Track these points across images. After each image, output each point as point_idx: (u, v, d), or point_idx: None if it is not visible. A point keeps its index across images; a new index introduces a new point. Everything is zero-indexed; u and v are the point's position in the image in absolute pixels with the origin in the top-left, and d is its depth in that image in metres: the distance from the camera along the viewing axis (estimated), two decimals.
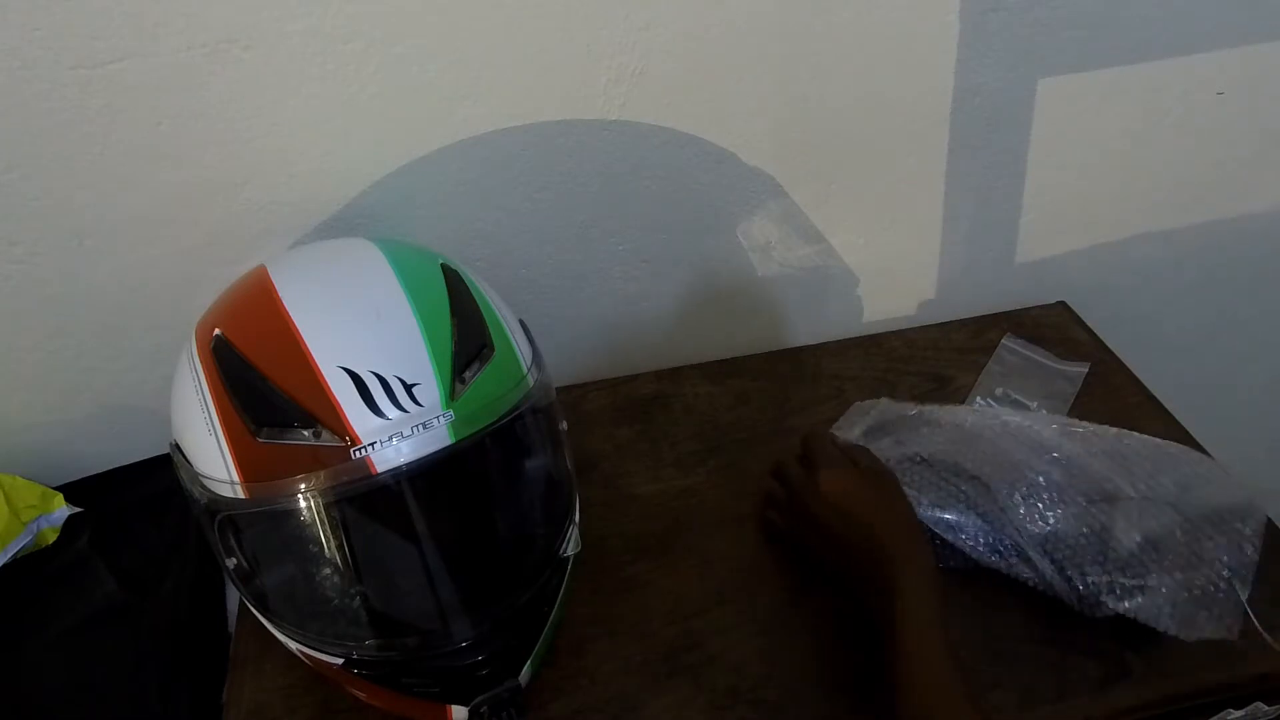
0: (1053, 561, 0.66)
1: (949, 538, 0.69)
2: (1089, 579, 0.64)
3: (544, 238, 0.83)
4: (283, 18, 0.65)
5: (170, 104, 0.66)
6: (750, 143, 0.81)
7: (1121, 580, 0.64)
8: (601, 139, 0.77)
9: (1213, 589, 0.63)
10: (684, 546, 0.74)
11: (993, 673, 0.64)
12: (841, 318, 0.97)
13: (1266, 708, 0.64)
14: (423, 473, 0.53)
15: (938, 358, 0.92)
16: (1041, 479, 0.68)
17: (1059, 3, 0.80)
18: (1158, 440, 0.70)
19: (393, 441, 0.53)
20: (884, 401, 0.80)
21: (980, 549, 0.69)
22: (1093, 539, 0.65)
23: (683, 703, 0.64)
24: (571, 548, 0.63)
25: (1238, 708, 0.64)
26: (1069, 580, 0.65)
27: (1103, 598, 0.63)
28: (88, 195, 0.69)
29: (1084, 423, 0.72)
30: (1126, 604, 0.63)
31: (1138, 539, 0.64)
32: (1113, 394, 0.87)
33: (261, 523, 0.57)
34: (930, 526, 0.70)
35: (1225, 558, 0.63)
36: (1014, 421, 0.72)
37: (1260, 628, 0.63)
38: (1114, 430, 0.71)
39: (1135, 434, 0.71)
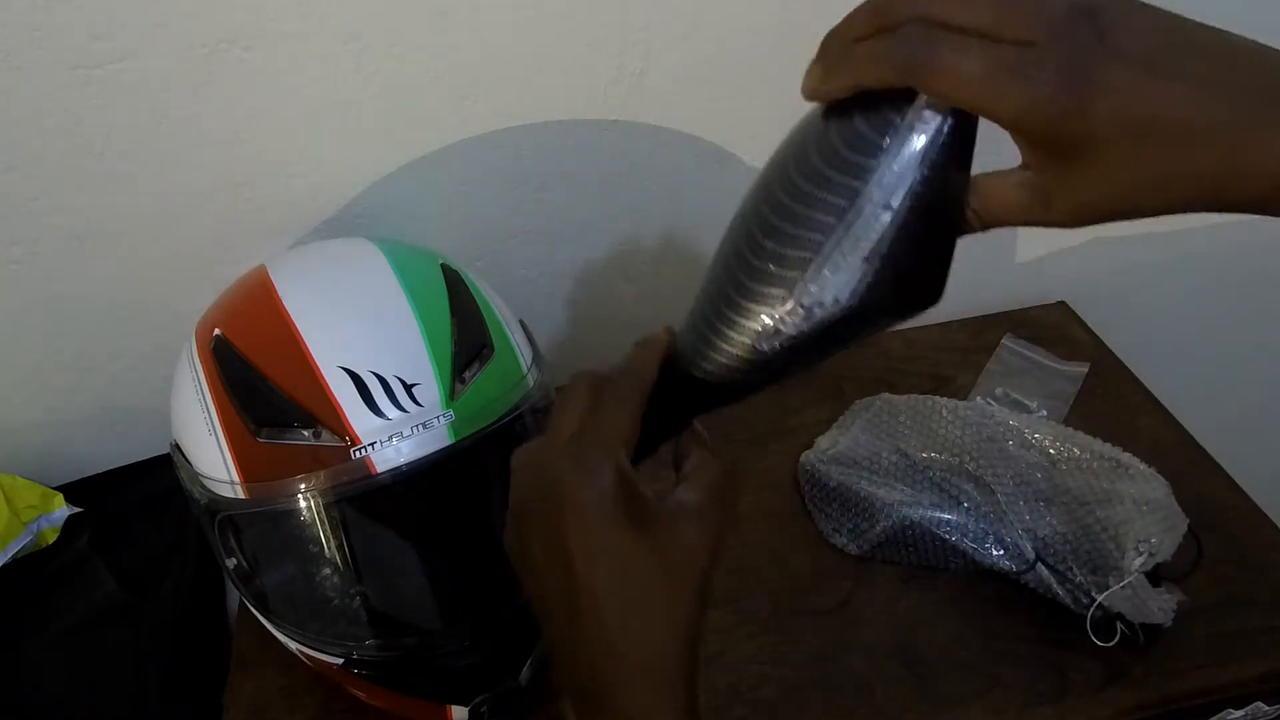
0: (1051, 562, 0.66)
1: (949, 538, 0.69)
2: (1082, 579, 0.64)
3: (544, 238, 0.83)
4: (283, 18, 0.65)
5: (170, 104, 0.66)
6: (750, 143, 0.81)
7: (1097, 579, 0.64)
8: (601, 139, 0.77)
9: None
10: None
11: (993, 673, 0.64)
12: None
13: (1266, 708, 0.64)
14: (423, 473, 0.53)
15: (938, 358, 0.92)
16: (1040, 480, 0.69)
17: None
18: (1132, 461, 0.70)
19: (392, 441, 0.53)
20: (884, 396, 0.80)
21: (980, 549, 0.69)
22: (1090, 541, 0.65)
23: None
24: None
25: (1238, 708, 0.64)
26: (1066, 581, 0.65)
27: (1095, 595, 0.63)
28: (88, 195, 0.69)
29: (1079, 433, 0.73)
30: (1114, 597, 0.63)
31: (1131, 542, 0.64)
32: (1113, 394, 0.87)
33: (261, 523, 0.57)
34: (930, 527, 0.70)
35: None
36: (1014, 423, 0.72)
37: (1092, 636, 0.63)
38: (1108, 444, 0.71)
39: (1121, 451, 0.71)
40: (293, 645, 0.60)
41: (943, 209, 0.33)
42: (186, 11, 0.63)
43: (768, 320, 0.33)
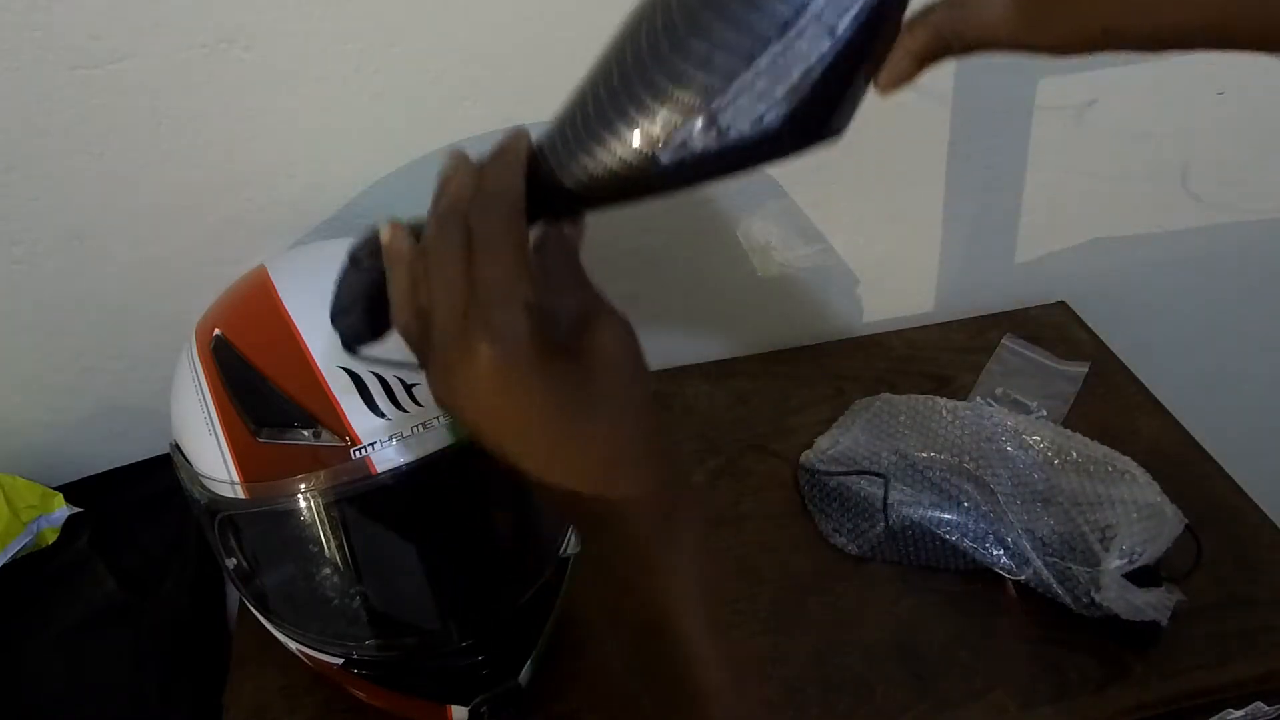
0: (1050, 562, 0.66)
1: (949, 537, 0.69)
2: (1082, 579, 0.64)
3: None
4: (283, 18, 0.65)
5: (170, 104, 0.66)
6: None
7: (1092, 577, 0.64)
8: None
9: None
10: None
11: (993, 673, 0.64)
12: (841, 318, 0.97)
13: (1266, 708, 0.64)
14: (423, 473, 0.53)
15: (938, 358, 0.92)
16: (1038, 481, 0.69)
17: None
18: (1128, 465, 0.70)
19: (393, 442, 0.53)
20: (884, 396, 0.80)
21: (980, 549, 0.69)
22: (1082, 542, 0.65)
23: None
24: (572, 548, 0.63)
25: (1238, 708, 0.64)
26: (1065, 581, 0.65)
27: (1095, 595, 0.63)
28: (88, 195, 0.69)
29: (1076, 434, 0.73)
30: (1105, 597, 0.63)
31: (1115, 546, 0.64)
32: (1113, 394, 0.87)
33: (261, 523, 0.57)
34: (930, 527, 0.70)
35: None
36: (1012, 423, 0.72)
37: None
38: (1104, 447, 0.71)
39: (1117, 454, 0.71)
40: (293, 645, 0.60)
41: (876, 48, 0.32)
42: (186, 11, 0.63)
43: (674, 127, 0.31)
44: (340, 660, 0.58)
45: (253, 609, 0.60)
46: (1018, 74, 0.84)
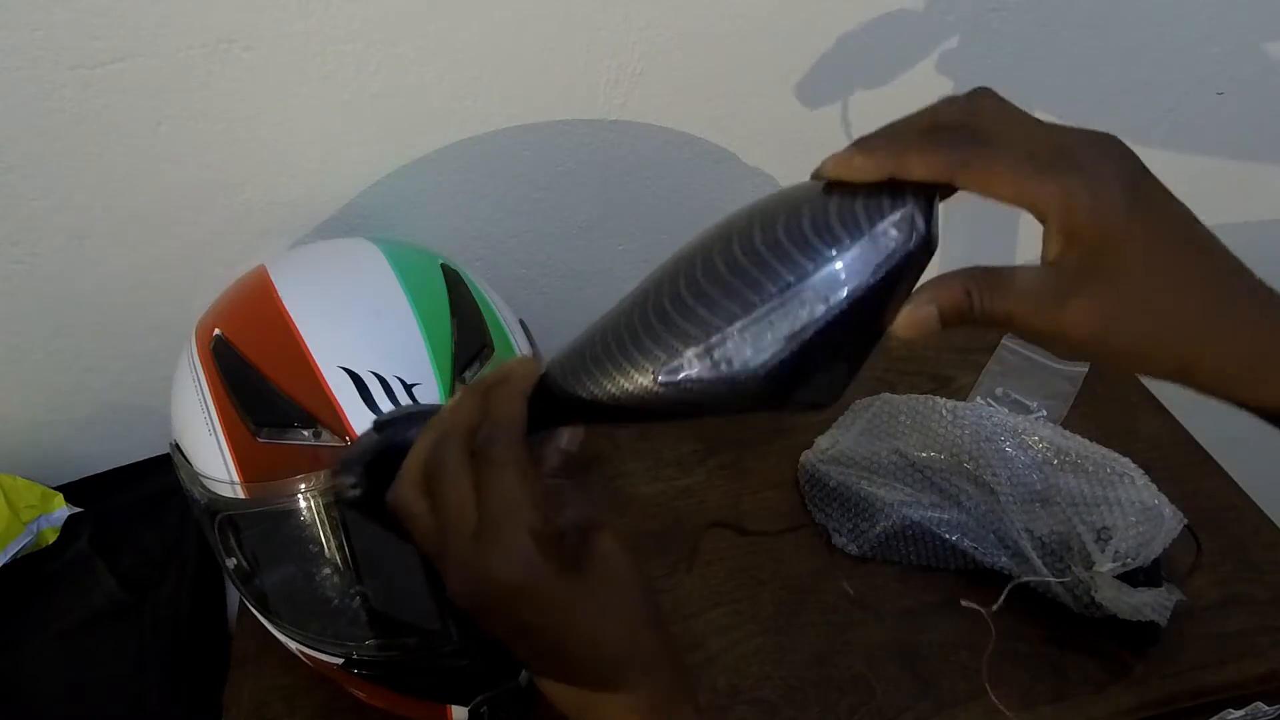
0: (1050, 562, 0.66)
1: (949, 537, 0.69)
2: (1082, 579, 0.64)
3: (544, 238, 0.83)
4: (283, 18, 0.65)
5: (170, 104, 0.66)
6: (750, 143, 0.81)
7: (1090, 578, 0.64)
8: (601, 139, 0.77)
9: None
10: (684, 546, 0.74)
11: (993, 673, 0.64)
12: None
13: (1266, 708, 0.64)
14: None
15: (938, 358, 0.92)
16: (1037, 481, 0.69)
17: (1059, 2, 0.80)
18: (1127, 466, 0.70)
19: None
20: (884, 396, 0.80)
21: (980, 549, 0.69)
22: (1079, 542, 0.65)
23: None
24: None
25: (1238, 708, 0.64)
26: (1065, 581, 0.65)
27: (1094, 595, 0.63)
28: (88, 195, 0.69)
29: (1075, 435, 0.73)
30: (1104, 597, 0.63)
31: (1111, 547, 0.64)
32: (1113, 394, 0.87)
33: (261, 523, 0.57)
34: (930, 526, 0.70)
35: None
36: (1011, 423, 0.72)
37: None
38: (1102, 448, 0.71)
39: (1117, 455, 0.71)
40: (293, 645, 0.60)
41: (867, 326, 0.35)
42: (186, 11, 0.63)
43: (677, 354, 0.35)
44: (340, 660, 0.58)
45: (253, 609, 0.60)
46: (1018, 74, 0.84)
